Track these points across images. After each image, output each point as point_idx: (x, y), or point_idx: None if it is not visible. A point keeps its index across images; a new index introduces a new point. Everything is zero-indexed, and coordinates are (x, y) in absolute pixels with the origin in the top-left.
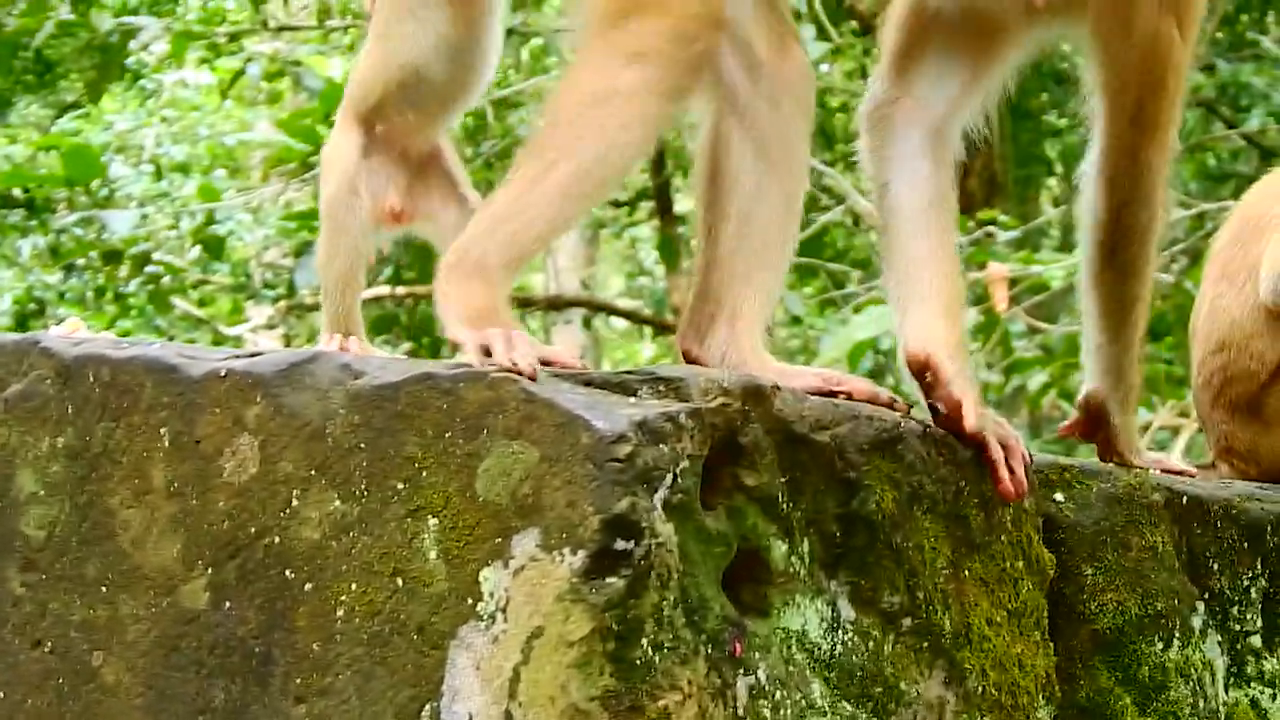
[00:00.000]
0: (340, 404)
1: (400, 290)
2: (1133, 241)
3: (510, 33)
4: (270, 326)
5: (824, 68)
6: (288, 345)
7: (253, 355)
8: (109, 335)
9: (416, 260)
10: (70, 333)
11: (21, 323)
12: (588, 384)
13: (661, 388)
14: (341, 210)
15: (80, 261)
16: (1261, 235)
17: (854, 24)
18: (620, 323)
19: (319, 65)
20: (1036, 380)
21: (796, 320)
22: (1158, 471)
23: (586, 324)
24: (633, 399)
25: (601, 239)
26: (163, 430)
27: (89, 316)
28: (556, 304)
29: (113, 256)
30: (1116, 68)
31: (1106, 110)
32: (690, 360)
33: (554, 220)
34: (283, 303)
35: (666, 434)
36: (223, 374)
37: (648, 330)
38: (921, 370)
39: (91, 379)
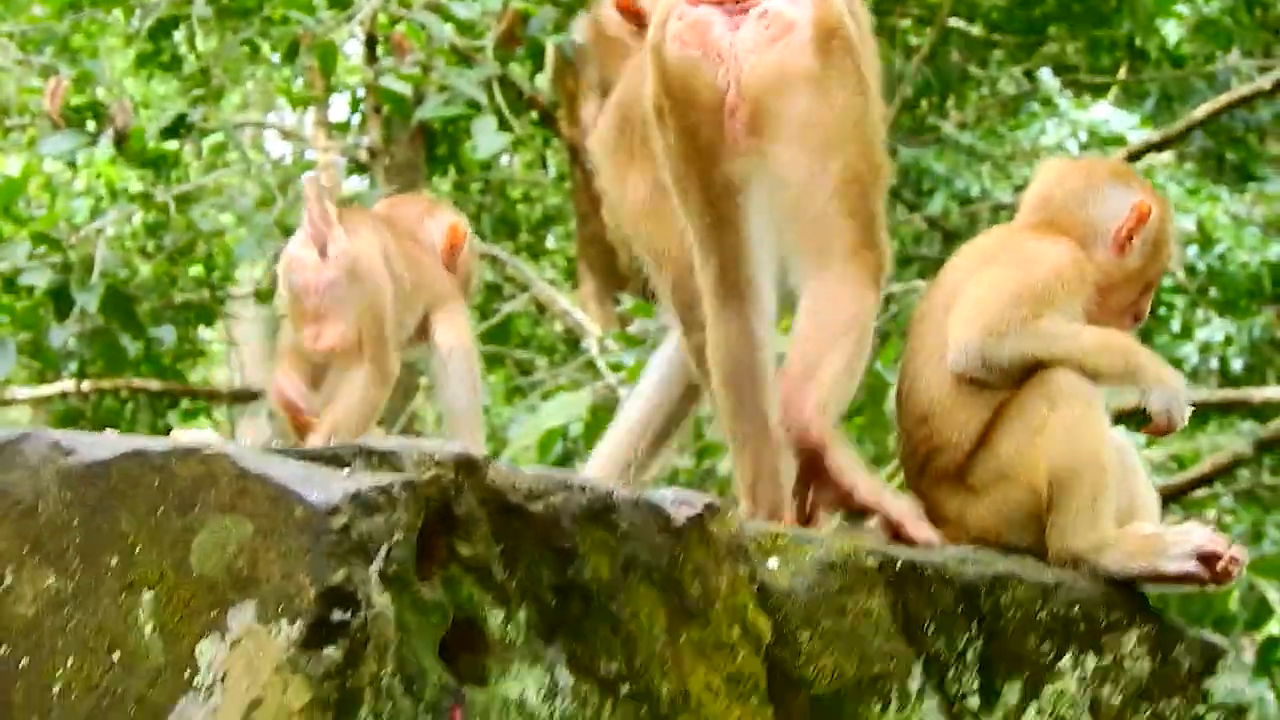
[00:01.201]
0: (51, 481)
1: (85, 385)
2: None
3: (190, 128)
4: None
5: (505, 159)
6: None
7: None
8: None
9: (100, 354)
10: None
11: None
12: (300, 457)
13: (374, 460)
14: None
15: None
16: (951, 307)
17: (534, 115)
18: None
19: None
20: (725, 463)
21: (484, 410)
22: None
23: (272, 415)
24: (345, 471)
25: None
26: None
27: None
28: (241, 396)
29: None
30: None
31: None
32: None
33: None
34: None
35: (380, 505)
36: None
37: None
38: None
39: None
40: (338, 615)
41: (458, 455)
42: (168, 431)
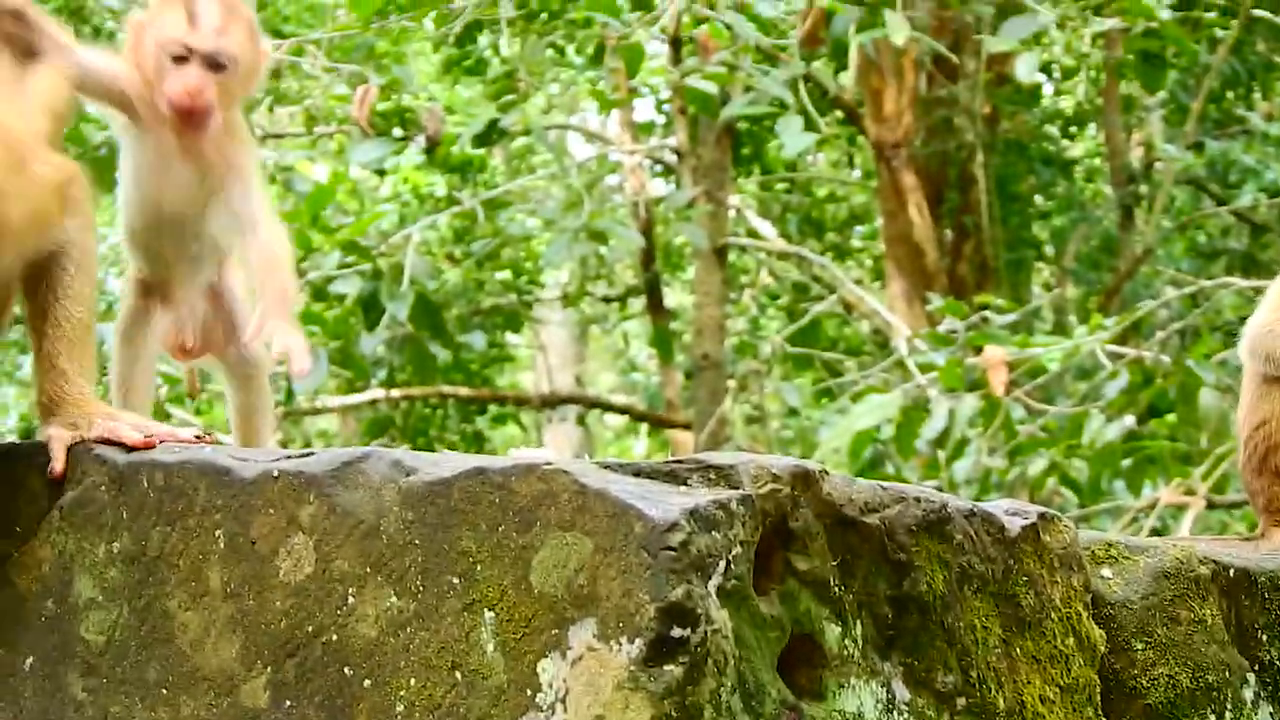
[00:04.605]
0: (393, 501)
1: (395, 393)
2: None
3: (501, 133)
4: None
5: (810, 158)
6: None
7: (304, 455)
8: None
9: (410, 361)
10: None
11: (28, 438)
12: (637, 474)
13: (711, 475)
14: (130, 329)
15: None
16: None
17: (839, 114)
18: (614, 419)
19: (307, 170)
20: (1037, 465)
21: (793, 412)
22: None
23: (581, 421)
24: (683, 487)
25: (590, 335)
26: (218, 532)
27: None
28: (550, 401)
29: None
30: None
31: None
32: None
33: None
34: (280, 409)
35: (719, 521)
36: (275, 475)
37: (641, 426)
38: None
39: (145, 484)
40: (677, 632)
41: (794, 469)
42: (477, 437)
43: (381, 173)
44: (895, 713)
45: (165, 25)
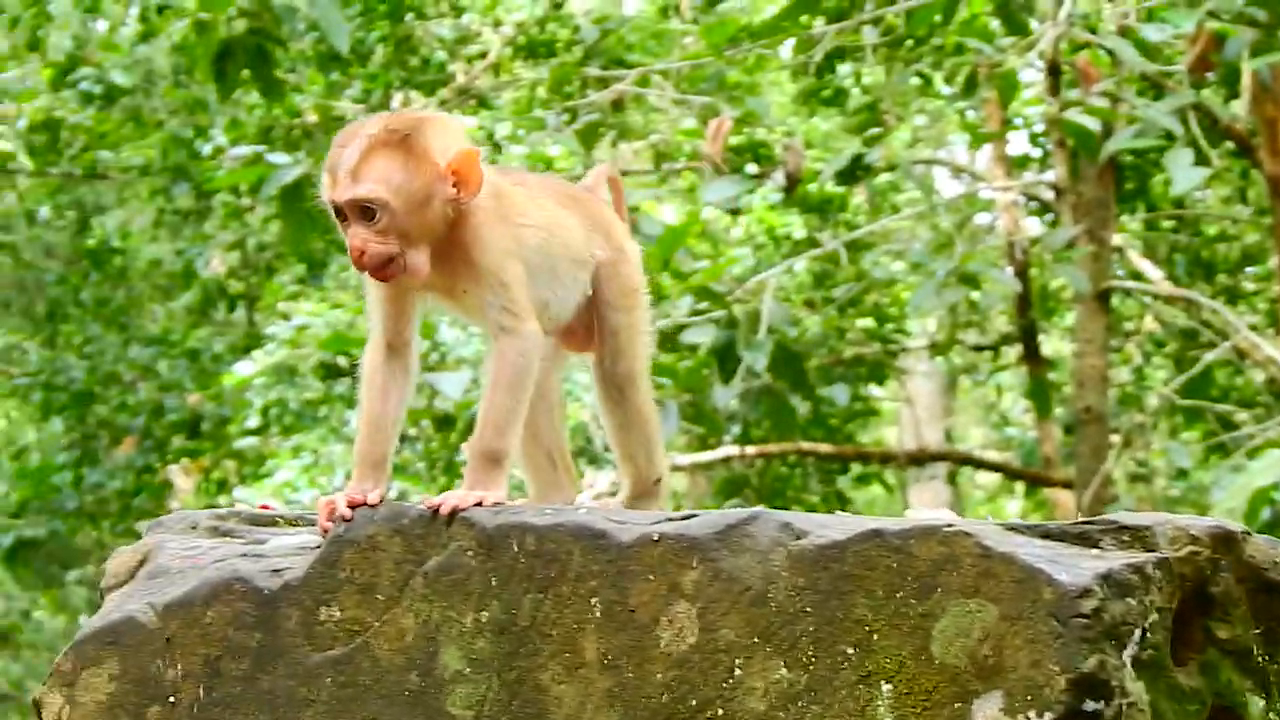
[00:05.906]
0: (782, 565)
1: (750, 450)
2: None
3: (866, 170)
4: (612, 493)
5: (1200, 194)
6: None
7: (685, 518)
8: (529, 503)
9: (768, 416)
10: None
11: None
12: (1045, 535)
13: (1125, 537)
14: None
15: (412, 430)
16: None
17: (1231, 145)
18: (986, 477)
19: (654, 210)
20: None
21: (1182, 471)
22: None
23: (951, 479)
24: (1095, 550)
25: (961, 387)
26: (594, 600)
27: (424, 487)
28: (919, 459)
29: (445, 422)
30: None
31: None
32: None
33: None
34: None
35: (1133, 586)
36: (655, 538)
37: (1017, 485)
38: None
39: (515, 548)
40: (1090, 705)
41: (1214, 530)
42: (839, 498)
43: (735, 212)
44: None
45: (321, 186)
